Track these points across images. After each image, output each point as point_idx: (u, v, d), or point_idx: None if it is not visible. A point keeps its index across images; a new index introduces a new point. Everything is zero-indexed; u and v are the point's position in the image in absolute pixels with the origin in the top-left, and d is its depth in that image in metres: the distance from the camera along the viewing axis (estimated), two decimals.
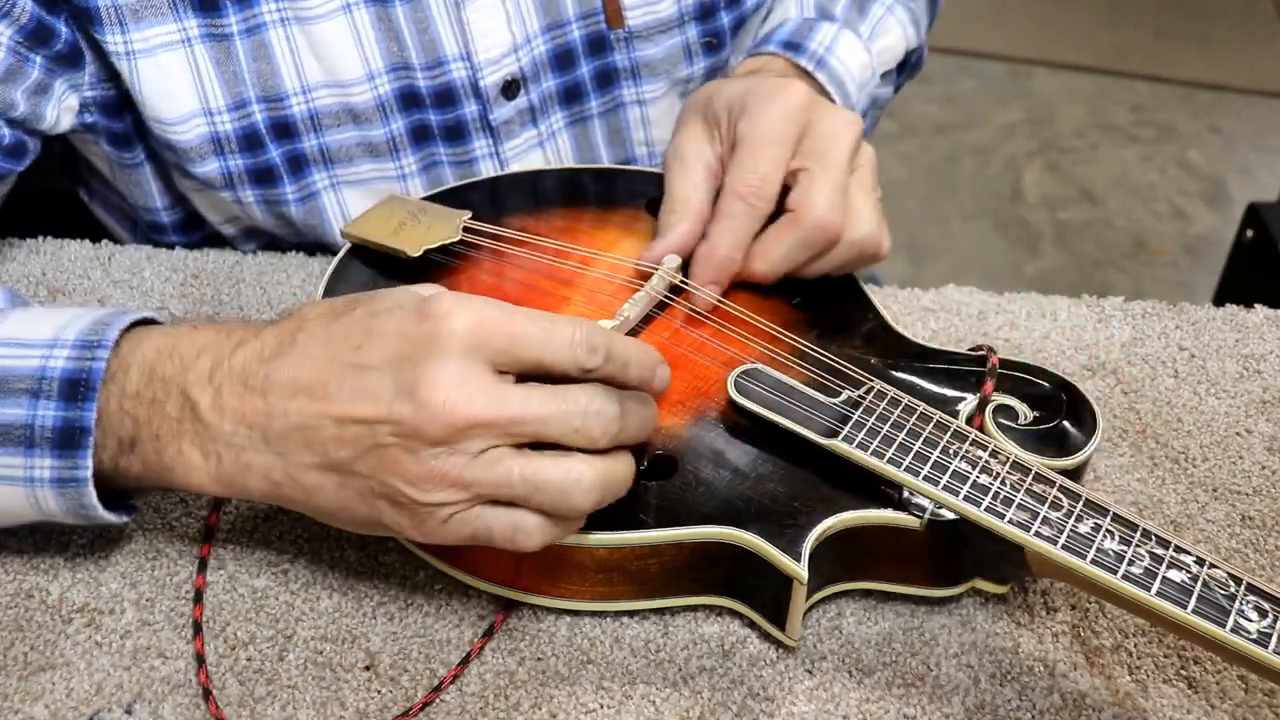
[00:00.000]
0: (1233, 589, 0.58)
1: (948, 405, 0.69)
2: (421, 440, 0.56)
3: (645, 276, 0.75)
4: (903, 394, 0.67)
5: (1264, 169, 2.74)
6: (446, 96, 0.86)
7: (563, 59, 0.88)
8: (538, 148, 0.90)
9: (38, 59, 0.78)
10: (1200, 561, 0.59)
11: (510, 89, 0.87)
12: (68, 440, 0.61)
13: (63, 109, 0.81)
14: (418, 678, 0.63)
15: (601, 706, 0.62)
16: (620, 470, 0.60)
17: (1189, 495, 0.74)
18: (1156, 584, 0.58)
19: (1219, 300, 1.36)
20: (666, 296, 0.75)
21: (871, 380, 0.68)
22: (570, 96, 0.90)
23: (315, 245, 0.91)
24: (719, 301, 0.75)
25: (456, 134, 0.87)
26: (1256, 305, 0.88)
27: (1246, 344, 0.85)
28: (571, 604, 0.65)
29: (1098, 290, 1.42)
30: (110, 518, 0.63)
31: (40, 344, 0.62)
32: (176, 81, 0.80)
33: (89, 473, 0.61)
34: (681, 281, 0.75)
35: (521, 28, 0.85)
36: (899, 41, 0.95)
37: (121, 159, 0.87)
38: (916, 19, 0.97)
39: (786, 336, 0.72)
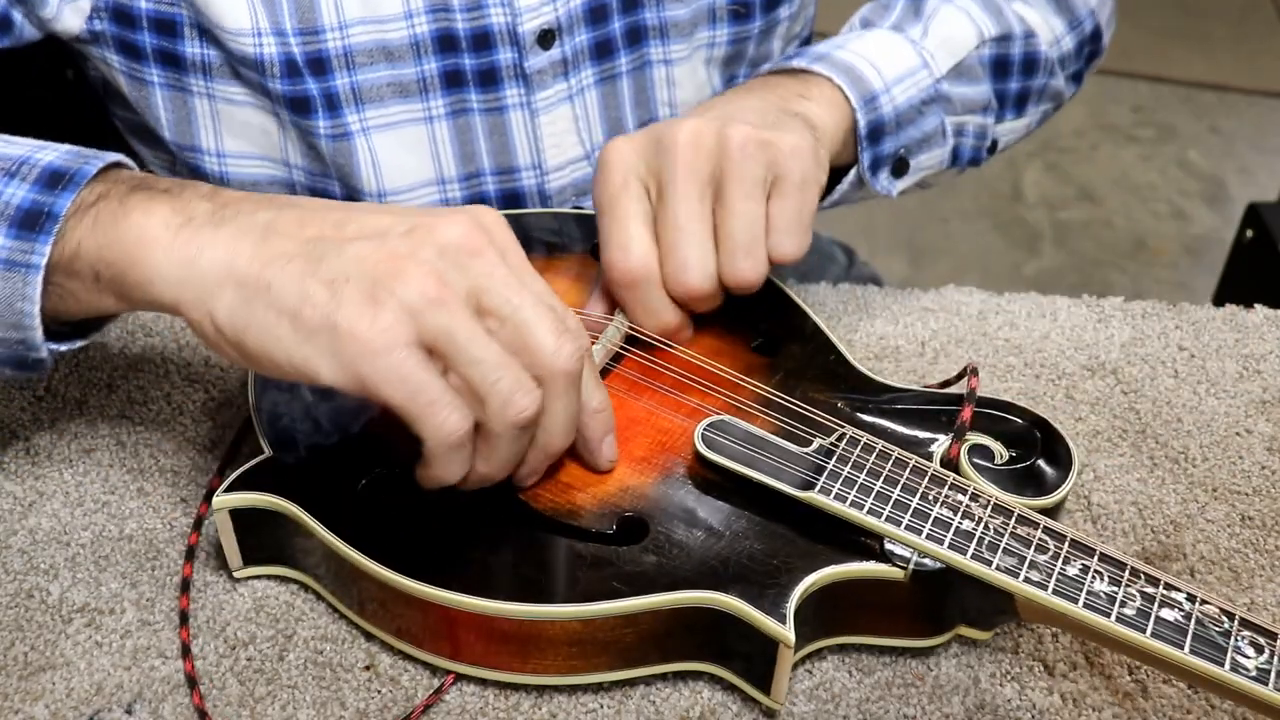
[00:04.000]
0: (1226, 625, 0.57)
1: (920, 447, 0.67)
2: (430, 241, 0.57)
3: (599, 328, 0.72)
4: (876, 439, 0.65)
5: (1264, 169, 2.74)
6: (483, 40, 0.86)
7: (597, 12, 0.88)
8: (567, 101, 0.90)
9: None
10: (1191, 598, 0.58)
11: (546, 38, 0.87)
12: (30, 222, 0.59)
13: (69, 7, 0.81)
14: (418, 678, 0.63)
15: (601, 706, 0.62)
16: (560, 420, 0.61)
17: (1189, 495, 0.74)
18: (1151, 624, 0.57)
19: (1219, 300, 1.36)
20: (622, 348, 0.72)
21: (842, 426, 0.66)
22: (601, 52, 0.90)
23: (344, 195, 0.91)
24: (679, 349, 0.72)
25: (490, 79, 0.87)
26: (1256, 305, 0.88)
27: (1246, 344, 0.85)
28: (542, 679, 0.62)
29: (1098, 290, 1.42)
30: (38, 335, 0.61)
31: (31, 144, 0.63)
32: None
33: (43, 260, 0.59)
34: (638, 331, 0.72)
35: None
36: (965, 29, 0.86)
37: (132, 70, 0.86)
38: (995, 7, 0.88)
39: (749, 384, 0.70)
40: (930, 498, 0.62)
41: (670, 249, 0.69)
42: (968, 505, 0.62)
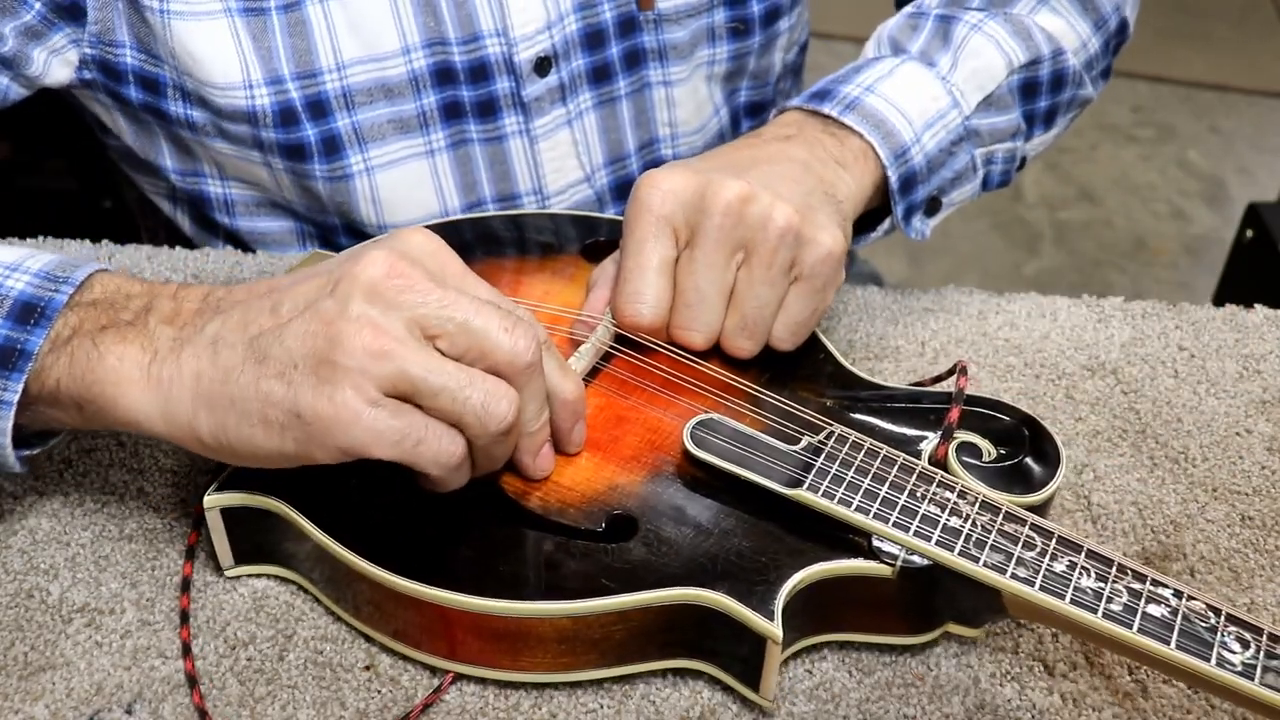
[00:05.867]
0: (1213, 620, 0.57)
1: (909, 445, 0.67)
2: (354, 291, 0.57)
3: (590, 327, 0.72)
4: (864, 437, 0.65)
5: (1264, 169, 2.74)
6: (480, 72, 0.86)
7: (593, 38, 0.89)
8: (565, 126, 0.91)
9: (36, 4, 0.79)
10: (1178, 594, 0.58)
11: (543, 66, 0.87)
12: (3, 359, 0.60)
13: (57, 60, 0.81)
14: (417, 678, 0.63)
15: (601, 706, 0.62)
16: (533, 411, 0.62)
17: (1189, 495, 0.74)
18: (1137, 620, 0.57)
19: (1219, 300, 1.36)
20: (612, 347, 0.72)
21: (831, 424, 0.66)
22: (599, 76, 0.90)
23: (336, 227, 0.91)
24: (669, 349, 0.72)
25: (488, 110, 0.88)
26: (1256, 305, 0.88)
27: (1246, 344, 0.85)
28: (533, 676, 0.62)
29: (1098, 290, 1.42)
30: (10, 456, 0.62)
31: (6, 262, 0.63)
32: (222, 48, 0.81)
33: (15, 397, 0.60)
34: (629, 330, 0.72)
35: (555, 5, 0.86)
36: (995, 60, 0.83)
37: (126, 111, 0.87)
38: (1025, 32, 0.85)
39: (739, 383, 0.70)
40: (918, 495, 0.62)
41: (684, 306, 0.70)
42: (955, 502, 0.62)
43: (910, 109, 0.79)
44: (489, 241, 0.82)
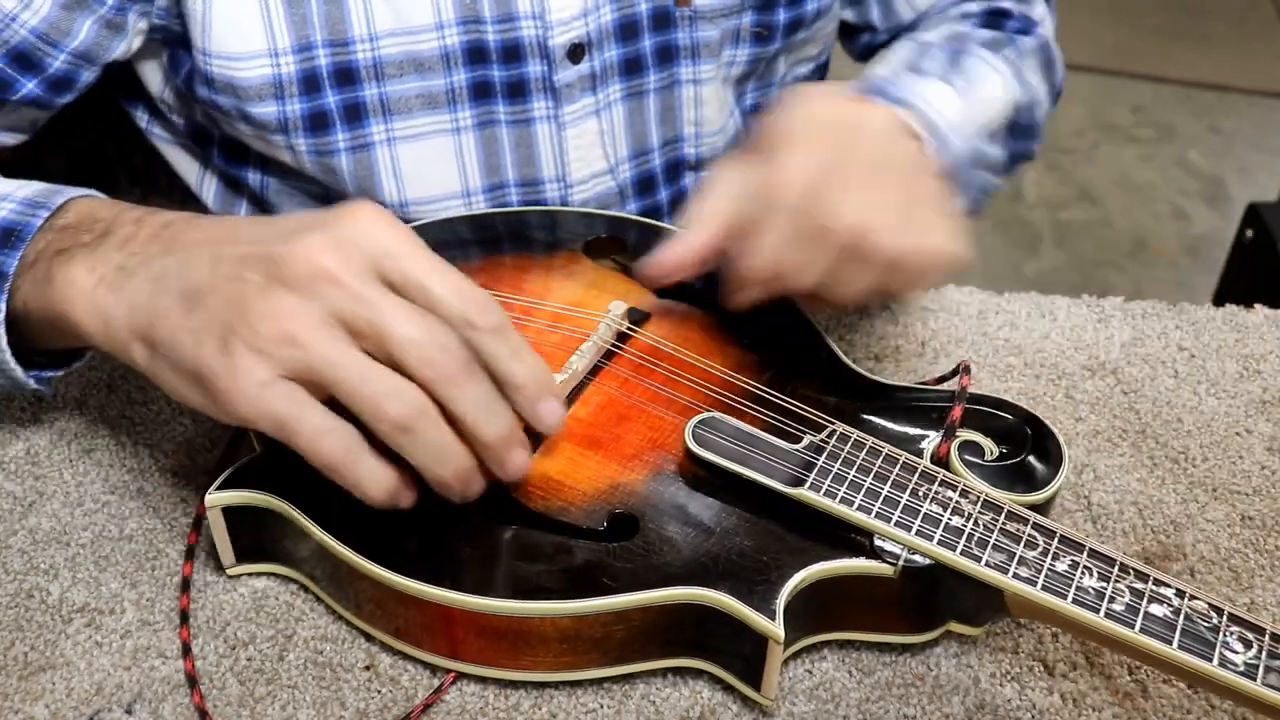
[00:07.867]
0: (1215, 620, 0.57)
1: (911, 443, 0.67)
2: (280, 276, 0.57)
3: (590, 325, 0.72)
4: (866, 436, 0.65)
5: (1264, 169, 2.74)
6: (513, 52, 0.86)
7: (627, 30, 0.89)
8: (593, 115, 0.91)
9: None
10: (1180, 594, 0.58)
11: (576, 52, 0.87)
12: None
13: (134, 35, 0.83)
14: (418, 678, 0.63)
15: (601, 706, 0.62)
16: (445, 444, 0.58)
17: (1189, 495, 0.74)
18: (1140, 620, 0.57)
19: (1219, 300, 1.36)
20: (614, 345, 0.72)
21: (832, 423, 0.66)
22: (630, 69, 0.91)
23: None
24: (670, 346, 0.72)
25: (518, 91, 0.88)
26: (1256, 305, 0.88)
27: (1246, 344, 0.85)
28: (535, 676, 0.62)
29: (1098, 290, 1.42)
30: (16, 369, 0.66)
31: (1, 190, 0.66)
32: (247, 17, 0.81)
33: (1, 314, 0.64)
34: (629, 329, 0.73)
35: None
36: (1000, 91, 0.87)
37: (174, 78, 0.88)
38: (1020, 73, 0.89)
39: (740, 381, 0.70)
40: (920, 494, 0.62)
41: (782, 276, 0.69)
42: (957, 502, 0.62)
43: (945, 111, 0.81)
44: (491, 240, 0.82)
